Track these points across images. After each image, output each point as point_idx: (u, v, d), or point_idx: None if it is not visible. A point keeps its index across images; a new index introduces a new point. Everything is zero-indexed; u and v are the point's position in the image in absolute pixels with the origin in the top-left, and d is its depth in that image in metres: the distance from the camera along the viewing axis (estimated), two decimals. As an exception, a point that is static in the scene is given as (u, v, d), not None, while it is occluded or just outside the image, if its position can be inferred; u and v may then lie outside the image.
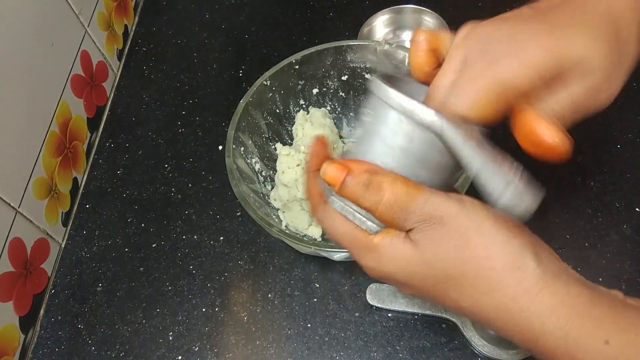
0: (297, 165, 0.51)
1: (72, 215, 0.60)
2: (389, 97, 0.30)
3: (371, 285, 0.51)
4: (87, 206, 0.61)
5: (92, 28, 0.67)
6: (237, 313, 0.52)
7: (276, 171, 0.54)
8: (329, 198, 0.32)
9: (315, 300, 0.52)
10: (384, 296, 0.50)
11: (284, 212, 0.53)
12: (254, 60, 0.72)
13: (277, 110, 0.58)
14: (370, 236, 0.31)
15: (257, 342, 0.50)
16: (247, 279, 0.54)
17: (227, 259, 0.55)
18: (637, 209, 0.54)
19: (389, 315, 0.50)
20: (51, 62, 0.59)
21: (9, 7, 0.51)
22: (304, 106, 0.60)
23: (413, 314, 0.50)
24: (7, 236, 0.50)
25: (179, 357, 0.50)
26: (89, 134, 0.66)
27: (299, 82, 0.57)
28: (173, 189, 0.61)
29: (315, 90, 0.59)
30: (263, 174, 0.56)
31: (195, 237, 0.57)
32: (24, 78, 0.54)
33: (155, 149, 0.65)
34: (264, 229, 0.46)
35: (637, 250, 0.52)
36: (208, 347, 0.50)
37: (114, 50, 0.73)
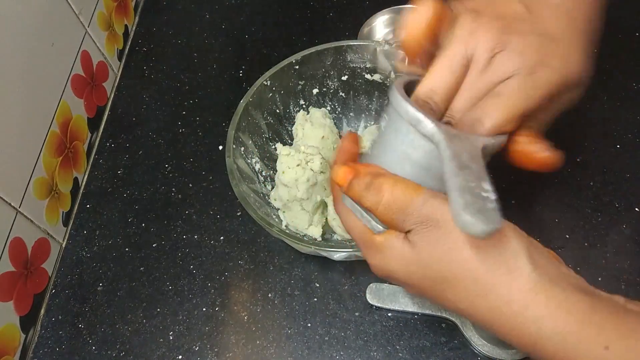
0: (297, 165, 0.51)
1: (73, 215, 0.60)
2: (398, 105, 0.31)
3: (371, 285, 0.51)
4: (88, 206, 0.61)
5: (92, 28, 0.67)
6: (238, 313, 0.52)
7: (276, 171, 0.54)
8: (343, 196, 0.34)
9: (316, 299, 0.52)
10: (383, 296, 0.50)
11: (284, 212, 0.53)
12: (254, 60, 0.72)
13: (277, 111, 0.58)
14: (374, 235, 0.32)
15: (258, 342, 0.50)
16: (247, 279, 0.54)
17: (228, 259, 0.55)
18: (636, 209, 0.54)
19: (389, 314, 0.50)
20: (51, 62, 0.59)
21: (9, 7, 0.51)
22: (304, 106, 0.60)
23: (413, 314, 0.50)
24: (8, 236, 0.50)
25: (180, 357, 0.50)
26: (90, 134, 0.66)
27: (299, 82, 0.58)
28: (173, 189, 0.61)
29: (315, 91, 0.59)
30: (263, 174, 0.56)
31: (196, 236, 0.57)
32: (25, 78, 0.54)
33: (155, 149, 0.65)
34: (264, 229, 0.46)
35: (636, 250, 0.52)
36: (208, 346, 0.50)
37: (114, 50, 0.73)
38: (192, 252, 0.56)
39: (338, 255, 0.45)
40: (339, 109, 0.61)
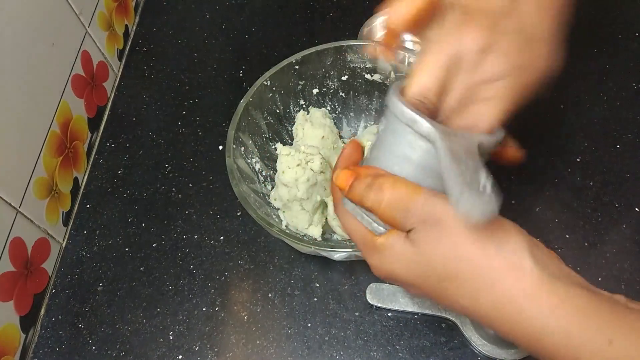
0: (297, 165, 0.51)
1: (73, 215, 0.61)
2: (395, 107, 0.32)
3: (371, 284, 0.51)
4: (88, 206, 0.61)
5: (92, 28, 0.67)
6: (238, 312, 0.52)
7: (276, 171, 0.54)
8: (343, 197, 0.34)
9: (316, 299, 0.52)
10: (383, 296, 0.50)
11: (284, 211, 0.53)
12: (254, 60, 0.72)
13: (277, 111, 0.58)
14: (375, 237, 0.32)
15: (258, 342, 0.50)
16: (247, 279, 0.54)
17: (228, 259, 0.55)
18: (636, 208, 0.54)
19: (389, 314, 0.50)
20: (52, 62, 0.59)
21: (10, 8, 0.51)
22: (304, 106, 0.60)
23: (413, 314, 0.50)
24: (8, 236, 0.50)
25: (180, 357, 0.50)
26: (90, 134, 0.66)
27: (299, 82, 0.58)
28: (173, 189, 0.61)
29: (315, 91, 0.59)
30: (263, 173, 0.56)
31: (196, 236, 0.57)
32: (25, 78, 0.54)
33: (155, 148, 0.65)
34: (264, 229, 0.46)
35: (636, 250, 0.52)
36: (208, 346, 0.50)
37: (114, 50, 0.73)
38: (192, 252, 0.56)
39: (338, 255, 0.45)
40: (339, 109, 0.61)
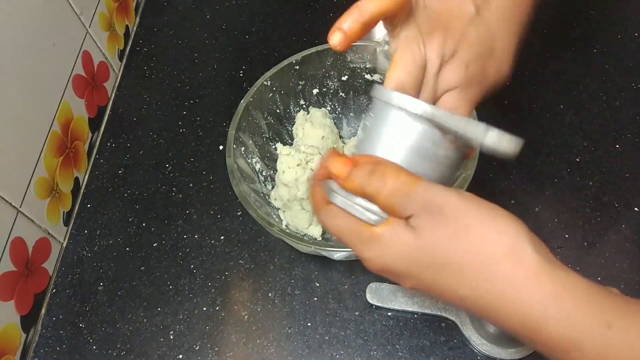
0: (298, 165, 0.52)
1: (74, 215, 0.61)
2: (385, 94, 0.33)
3: (371, 284, 0.51)
4: (89, 206, 0.61)
5: (93, 28, 0.67)
6: (238, 312, 0.52)
7: (276, 171, 0.54)
8: (330, 194, 0.33)
9: (316, 299, 0.52)
10: (383, 295, 0.50)
11: (284, 211, 0.54)
12: (255, 60, 0.72)
13: (278, 111, 0.58)
14: (372, 227, 0.31)
15: (258, 341, 0.50)
16: (247, 278, 0.54)
17: (228, 258, 0.56)
18: (635, 208, 0.54)
19: (389, 314, 0.51)
20: (52, 62, 0.59)
21: (10, 8, 0.51)
22: (304, 106, 0.60)
23: (412, 313, 0.50)
24: (9, 236, 0.50)
25: (180, 356, 0.50)
26: (90, 134, 0.66)
27: (299, 83, 0.58)
28: (174, 189, 0.61)
29: (315, 91, 0.59)
30: (263, 173, 0.56)
31: (196, 236, 0.57)
32: (26, 78, 0.54)
33: (156, 148, 0.65)
34: (264, 229, 0.47)
35: (635, 250, 0.52)
36: (209, 345, 0.50)
37: (115, 50, 0.73)
38: (192, 252, 0.56)
39: (338, 254, 0.46)
40: (339, 109, 0.61)
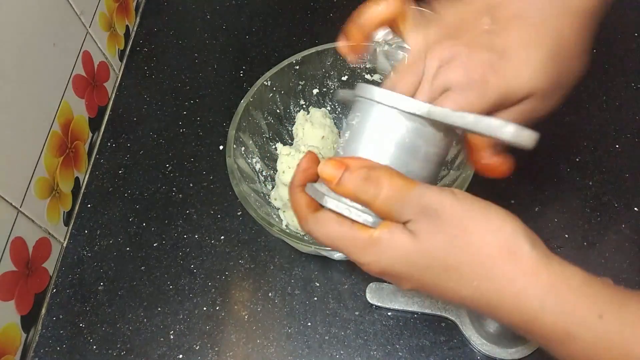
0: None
1: (74, 215, 0.61)
2: (374, 94, 0.32)
3: (371, 284, 0.51)
4: (89, 206, 0.61)
5: (93, 28, 0.68)
6: (238, 312, 0.52)
7: (277, 171, 0.54)
8: (321, 199, 0.32)
9: (316, 299, 0.52)
10: (383, 295, 0.50)
11: (284, 211, 0.54)
12: (255, 60, 0.72)
13: (278, 111, 0.58)
14: (369, 231, 0.31)
15: (258, 341, 0.50)
16: (247, 278, 0.54)
17: (228, 258, 0.56)
18: (635, 208, 0.54)
19: (389, 314, 0.51)
20: (53, 62, 0.59)
21: (11, 8, 0.51)
22: (304, 106, 0.60)
23: (412, 313, 0.50)
24: (9, 236, 0.50)
25: (180, 356, 0.50)
26: (91, 134, 0.66)
27: (300, 83, 0.58)
28: (174, 189, 0.61)
29: (315, 91, 0.59)
30: (264, 173, 0.56)
31: (196, 236, 0.57)
32: (26, 78, 0.54)
33: (156, 148, 0.65)
34: (264, 229, 0.47)
35: (635, 250, 0.52)
36: (209, 345, 0.50)
37: (115, 50, 0.73)
38: (192, 252, 0.56)
39: (338, 254, 0.46)
40: (339, 109, 0.61)
